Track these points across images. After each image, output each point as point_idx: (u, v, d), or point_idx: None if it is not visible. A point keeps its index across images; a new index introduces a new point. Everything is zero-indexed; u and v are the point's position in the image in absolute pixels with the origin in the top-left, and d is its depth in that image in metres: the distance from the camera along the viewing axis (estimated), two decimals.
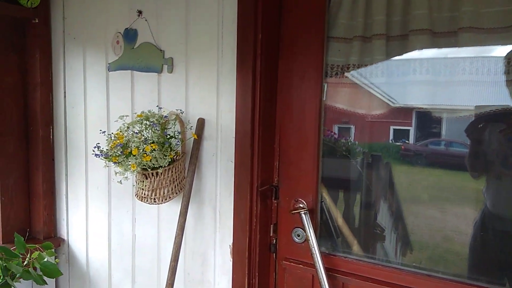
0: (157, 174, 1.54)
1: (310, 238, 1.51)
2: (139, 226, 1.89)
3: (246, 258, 1.59)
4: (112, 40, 1.86)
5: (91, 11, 1.94)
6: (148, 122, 1.55)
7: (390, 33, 1.48)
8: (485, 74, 1.38)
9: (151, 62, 1.76)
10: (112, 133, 1.56)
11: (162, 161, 1.50)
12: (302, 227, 1.58)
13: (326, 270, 1.51)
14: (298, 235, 1.62)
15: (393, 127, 1.59)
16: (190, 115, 1.70)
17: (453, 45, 1.41)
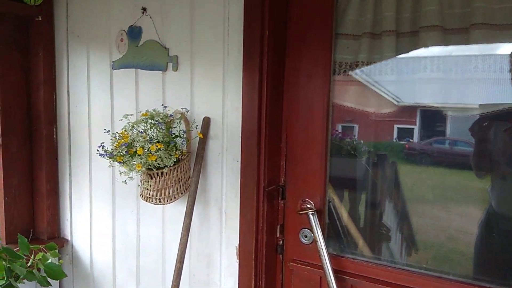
0: (162, 174, 1.52)
1: (318, 239, 1.49)
2: (144, 226, 1.86)
3: (252, 260, 1.56)
4: (116, 38, 1.84)
5: (95, 9, 1.92)
6: (153, 121, 1.53)
7: (400, 29, 1.45)
8: (491, 71, 1.35)
9: (156, 60, 1.73)
10: (116, 132, 1.54)
11: (168, 160, 1.48)
12: (310, 228, 1.56)
13: (334, 272, 1.48)
14: (306, 236, 1.60)
15: (398, 126, 1.56)
16: (196, 114, 1.67)
17: (464, 42, 1.38)
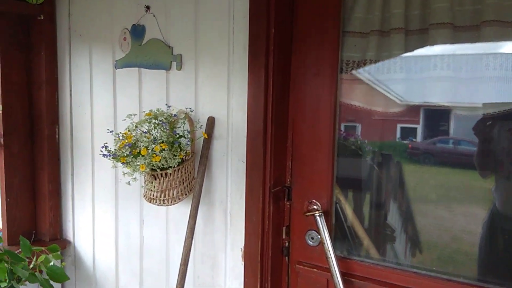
0: (166, 175, 1.49)
1: (325, 241, 1.46)
2: (147, 228, 1.84)
3: (258, 262, 1.53)
4: (119, 36, 1.81)
5: (97, 7, 1.89)
6: (157, 121, 1.50)
7: (409, 27, 1.42)
8: (503, 70, 1.32)
9: (159, 59, 1.71)
10: (120, 132, 1.51)
11: (172, 161, 1.45)
12: (316, 230, 1.53)
13: (342, 274, 1.45)
14: (312, 238, 1.57)
15: (404, 125, 1.53)
16: (200, 114, 1.64)
17: (475, 39, 1.35)
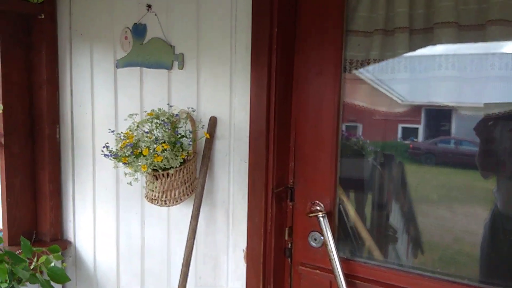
0: (168, 175, 1.48)
1: (328, 242, 1.44)
2: (149, 228, 1.82)
3: (260, 263, 1.52)
4: (120, 35, 1.80)
5: (99, 6, 1.88)
6: (158, 121, 1.49)
7: (413, 26, 1.40)
8: (509, 69, 1.30)
9: (161, 58, 1.69)
10: (121, 132, 1.50)
11: (174, 161, 1.44)
12: (319, 231, 1.51)
13: (345, 276, 1.44)
14: (315, 239, 1.55)
15: (409, 125, 1.51)
16: (202, 114, 1.63)
17: (481, 39, 1.33)
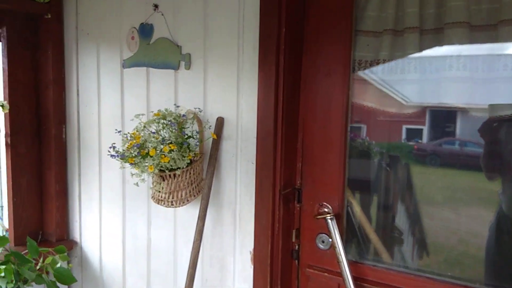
0: (174, 176, 1.47)
1: (336, 245, 1.42)
2: (155, 229, 1.82)
3: (268, 265, 1.50)
4: (127, 35, 1.79)
5: (105, 6, 1.87)
6: (165, 121, 1.48)
7: (423, 26, 1.38)
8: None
9: (168, 59, 1.68)
10: (128, 132, 1.49)
11: (181, 162, 1.43)
12: (327, 233, 1.50)
13: (354, 279, 1.42)
14: (323, 242, 1.53)
15: (416, 126, 1.49)
16: (209, 114, 1.62)
17: (493, 39, 1.31)
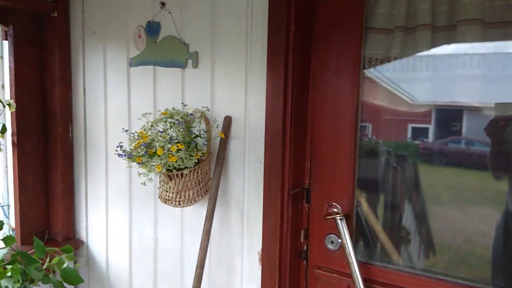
0: (182, 175, 1.45)
1: (346, 246, 1.40)
2: (162, 229, 1.80)
3: (276, 266, 1.49)
4: (133, 34, 1.78)
5: (112, 4, 1.86)
6: (172, 120, 1.46)
7: (436, 23, 1.36)
8: None
9: (175, 57, 1.66)
10: (135, 131, 1.48)
11: (188, 161, 1.41)
12: (337, 234, 1.48)
13: (364, 280, 1.40)
14: (332, 242, 1.51)
15: (426, 125, 1.47)
16: (216, 113, 1.60)
17: (508, 37, 1.28)
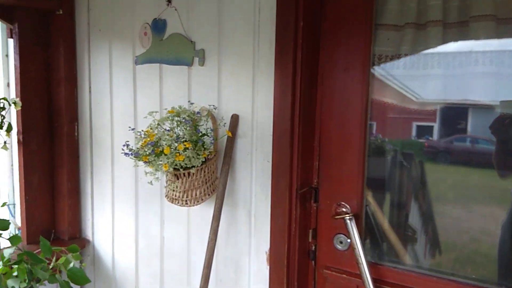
0: (189, 174, 1.44)
1: (356, 246, 1.38)
2: (168, 228, 1.79)
3: (284, 266, 1.47)
4: (139, 31, 1.76)
5: (117, 1, 1.84)
6: (179, 119, 1.44)
7: (447, 19, 1.33)
8: None
9: (181, 55, 1.65)
10: (142, 130, 1.46)
11: (195, 160, 1.39)
12: (346, 234, 1.46)
13: (373, 281, 1.38)
14: (341, 242, 1.49)
15: (439, 125, 1.44)
16: (223, 111, 1.58)
17: None
